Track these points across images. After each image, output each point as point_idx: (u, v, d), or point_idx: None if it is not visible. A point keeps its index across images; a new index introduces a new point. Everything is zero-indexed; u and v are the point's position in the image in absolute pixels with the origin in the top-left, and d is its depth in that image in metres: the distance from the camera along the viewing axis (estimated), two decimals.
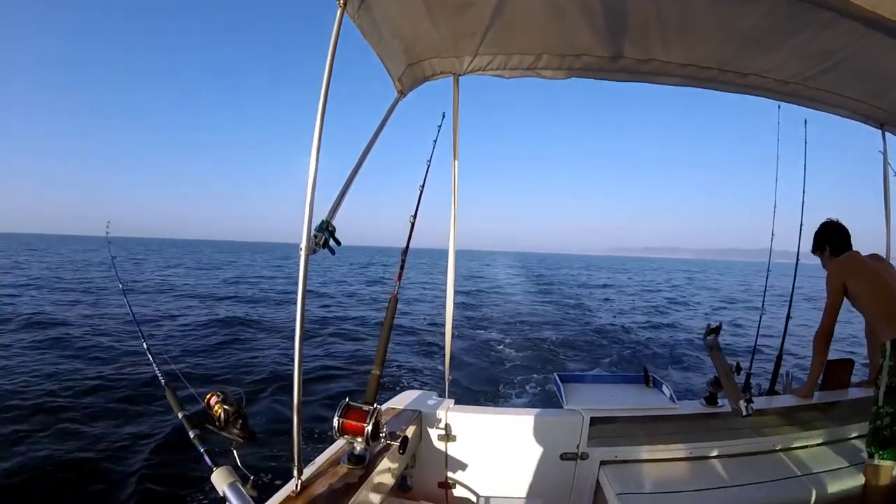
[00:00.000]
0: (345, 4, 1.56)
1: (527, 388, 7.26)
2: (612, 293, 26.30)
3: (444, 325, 2.71)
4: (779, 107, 3.04)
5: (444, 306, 2.71)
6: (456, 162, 2.58)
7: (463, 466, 2.39)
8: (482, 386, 7.29)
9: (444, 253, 2.63)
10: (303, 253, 1.42)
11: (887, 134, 3.05)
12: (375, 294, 19.42)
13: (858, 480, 2.33)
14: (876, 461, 2.16)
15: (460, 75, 2.49)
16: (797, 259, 3.82)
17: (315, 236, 1.48)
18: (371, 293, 19.74)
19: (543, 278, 37.96)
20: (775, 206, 3.82)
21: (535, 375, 7.95)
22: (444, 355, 2.69)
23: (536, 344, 10.57)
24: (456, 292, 2.70)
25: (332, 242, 1.54)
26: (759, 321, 4.08)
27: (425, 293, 20.62)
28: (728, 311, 19.62)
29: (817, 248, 2.92)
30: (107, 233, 3.21)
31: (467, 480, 2.40)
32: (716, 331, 2.50)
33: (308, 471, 1.73)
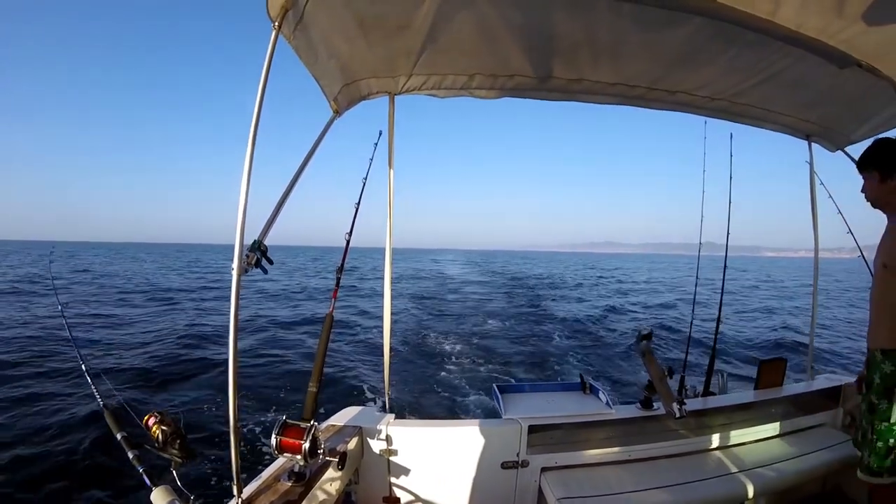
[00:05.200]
0: (280, 27, 1.58)
1: (468, 399, 7.30)
2: (555, 291, 26.88)
3: (382, 341, 2.73)
4: (705, 122, 3.18)
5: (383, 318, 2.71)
6: (391, 174, 2.60)
7: (407, 480, 2.40)
8: (424, 399, 7.31)
9: (398, 252, 2.63)
10: (235, 273, 1.43)
11: (813, 145, 3.17)
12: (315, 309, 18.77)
13: (791, 475, 2.46)
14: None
15: (396, 94, 2.52)
16: (725, 264, 4.01)
17: (247, 256, 1.49)
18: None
19: (490, 275, 38.43)
20: (702, 216, 4.00)
21: (475, 386, 7.99)
22: (382, 370, 2.70)
23: (478, 354, 10.55)
24: (393, 300, 2.71)
25: (264, 262, 1.55)
26: (691, 325, 4.24)
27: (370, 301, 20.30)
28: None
29: (864, 168, 2.07)
30: (50, 261, 3.09)
31: (412, 493, 2.41)
32: (647, 337, 2.55)
33: (248, 489, 1.73)
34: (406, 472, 2.39)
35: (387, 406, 2.66)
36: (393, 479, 2.39)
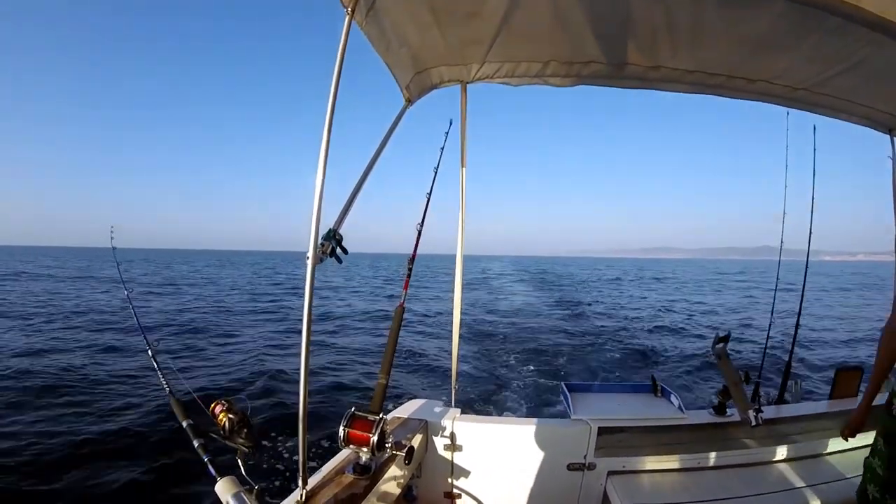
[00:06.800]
0: (353, 12, 1.57)
1: (534, 397, 7.20)
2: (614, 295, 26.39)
3: (451, 333, 2.70)
4: (787, 113, 3.01)
5: (450, 313, 2.69)
6: (464, 169, 2.58)
7: (469, 476, 2.38)
8: (489, 395, 7.25)
9: (448, 258, 2.62)
10: (309, 262, 1.42)
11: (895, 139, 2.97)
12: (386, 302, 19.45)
13: None
14: None
15: (468, 83, 2.49)
16: (806, 266, 3.79)
17: (322, 245, 1.48)
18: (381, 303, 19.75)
19: (547, 283, 38.05)
20: (784, 212, 3.80)
21: (542, 383, 7.91)
22: (450, 364, 2.68)
23: (544, 352, 10.50)
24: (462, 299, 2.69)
25: (338, 251, 1.53)
26: (769, 330, 4.05)
27: (431, 300, 20.60)
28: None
29: None
30: (111, 238, 3.21)
31: (473, 491, 2.38)
32: (724, 339, 2.48)
33: (313, 480, 1.72)
34: (469, 467, 2.38)
35: (452, 400, 2.65)
36: (455, 475, 2.39)
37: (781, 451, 2.55)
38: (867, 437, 2.63)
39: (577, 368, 9.40)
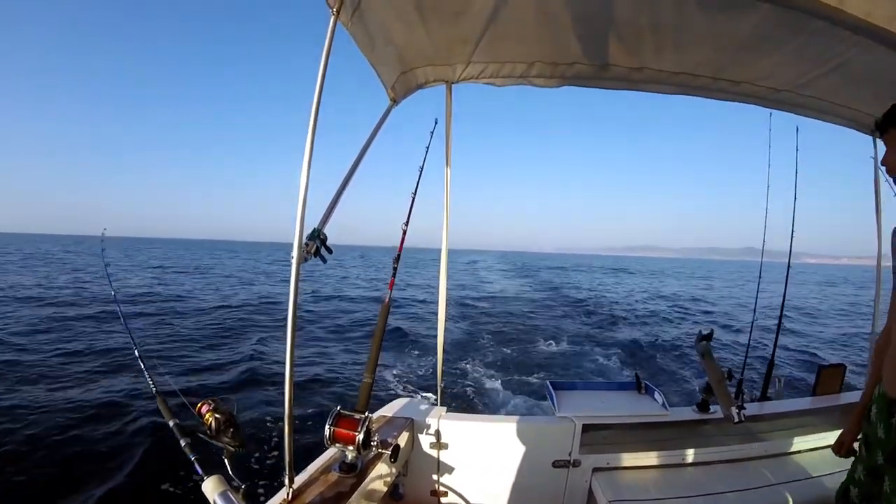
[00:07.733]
0: (338, 12, 1.56)
1: (519, 395, 7.26)
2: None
3: (436, 332, 2.71)
4: (770, 114, 3.04)
5: (436, 312, 2.70)
6: (448, 169, 2.58)
7: (455, 474, 2.39)
8: (474, 393, 7.29)
9: (435, 252, 2.65)
10: (294, 261, 1.42)
11: (878, 140, 2.95)
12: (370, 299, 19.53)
13: None
14: None
15: (453, 83, 2.49)
16: (788, 263, 3.84)
17: (306, 244, 1.48)
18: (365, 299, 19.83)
19: (532, 278, 38.51)
20: (767, 211, 3.85)
21: (528, 380, 7.98)
22: (436, 362, 2.69)
23: (530, 350, 10.57)
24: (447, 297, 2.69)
25: (323, 251, 1.53)
26: (752, 326, 4.09)
27: (417, 297, 20.66)
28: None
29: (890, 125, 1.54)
30: (102, 240, 3.19)
31: (459, 488, 2.40)
32: (707, 337, 2.51)
33: (300, 479, 1.73)
34: (455, 465, 2.39)
35: (438, 399, 2.65)
36: (441, 473, 2.40)
37: (764, 448, 2.59)
38: None
39: (549, 330, 10.51)
